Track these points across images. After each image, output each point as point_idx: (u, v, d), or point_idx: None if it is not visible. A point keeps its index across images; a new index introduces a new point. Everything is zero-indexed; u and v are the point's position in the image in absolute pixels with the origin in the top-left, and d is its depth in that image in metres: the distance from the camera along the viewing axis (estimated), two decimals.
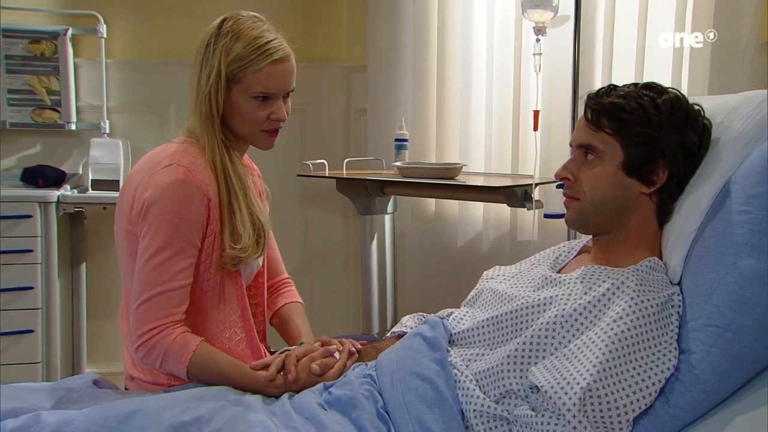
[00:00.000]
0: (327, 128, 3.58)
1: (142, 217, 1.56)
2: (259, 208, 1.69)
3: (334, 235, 3.64)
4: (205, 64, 1.62)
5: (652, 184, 1.44)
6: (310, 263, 3.65)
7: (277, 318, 1.89)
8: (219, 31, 1.63)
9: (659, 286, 1.37)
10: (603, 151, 1.44)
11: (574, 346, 1.30)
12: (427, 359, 1.44)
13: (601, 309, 1.33)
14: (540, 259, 1.65)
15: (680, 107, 1.44)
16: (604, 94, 1.46)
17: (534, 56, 2.35)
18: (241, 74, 1.61)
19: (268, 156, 3.36)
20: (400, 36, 3.10)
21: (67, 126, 3.25)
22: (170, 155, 1.60)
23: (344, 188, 2.97)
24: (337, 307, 3.63)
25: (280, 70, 1.64)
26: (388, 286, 3.12)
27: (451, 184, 2.61)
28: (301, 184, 3.46)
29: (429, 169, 2.67)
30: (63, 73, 3.22)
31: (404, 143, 2.90)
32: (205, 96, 1.62)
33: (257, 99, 1.63)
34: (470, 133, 2.91)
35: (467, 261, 2.95)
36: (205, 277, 1.62)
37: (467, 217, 2.95)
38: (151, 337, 1.53)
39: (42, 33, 3.20)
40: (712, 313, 1.27)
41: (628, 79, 2.32)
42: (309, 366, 1.52)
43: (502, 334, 1.44)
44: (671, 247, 1.43)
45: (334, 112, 3.58)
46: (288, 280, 1.98)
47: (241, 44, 1.60)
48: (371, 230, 3.07)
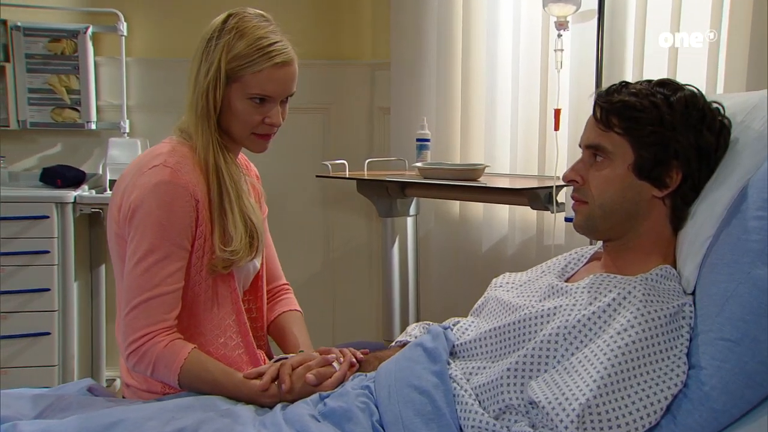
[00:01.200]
0: (350, 128, 3.56)
1: (128, 220, 1.54)
2: (253, 210, 1.66)
3: (356, 237, 3.62)
4: (204, 59, 1.60)
5: (665, 187, 1.38)
6: (332, 266, 3.63)
7: (275, 327, 1.86)
8: (223, 26, 1.61)
9: (670, 295, 1.31)
10: (612, 152, 1.39)
11: (576, 360, 1.25)
12: (427, 371, 1.40)
13: (606, 320, 1.28)
14: (550, 267, 1.60)
15: (696, 105, 1.38)
16: (615, 92, 1.41)
17: (555, 52, 2.29)
18: (240, 73, 1.59)
19: (288, 156, 3.41)
20: (424, 32, 3.06)
21: (86, 125, 3.27)
22: (157, 155, 1.58)
23: (365, 189, 2.94)
24: (360, 312, 3.60)
25: (281, 74, 1.61)
26: (410, 291, 3.08)
27: (473, 186, 2.56)
28: (322, 185, 3.44)
29: (450, 170, 2.63)
30: (83, 71, 3.24)
31: (426, 143, 2.87)
32: (203, 92, 1.60)
33: (254, 100, 1.61)
34: (495, 133, 2.86)
35: (492, 266, 2.90)
36: (197, 280, 1.60)
37: (492, 220, 2.90)
38: (142, 344, 1.51)
39: (62, 31, 3.23)
40: (724, 326, 1.21)
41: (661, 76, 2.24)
42: (304, 375, 1.49)
43: (504, 346, 1.40)
44: (685, 255, 1.37)
45: (357, 111, 3.56)
46: (286, 287, 1.95)
47: (244, 43, 1.59)
48: (393, 233, 3.04)
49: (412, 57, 3.10)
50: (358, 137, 3.55)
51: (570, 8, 2.19)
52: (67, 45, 3.23)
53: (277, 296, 1.91)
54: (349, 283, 3.63)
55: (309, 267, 3.62)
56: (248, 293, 1.79)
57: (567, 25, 2.22)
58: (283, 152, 3.47)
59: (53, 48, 3.23)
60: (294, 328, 1.81)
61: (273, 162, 3.47)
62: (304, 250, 3.60)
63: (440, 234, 3.11)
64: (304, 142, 3.50)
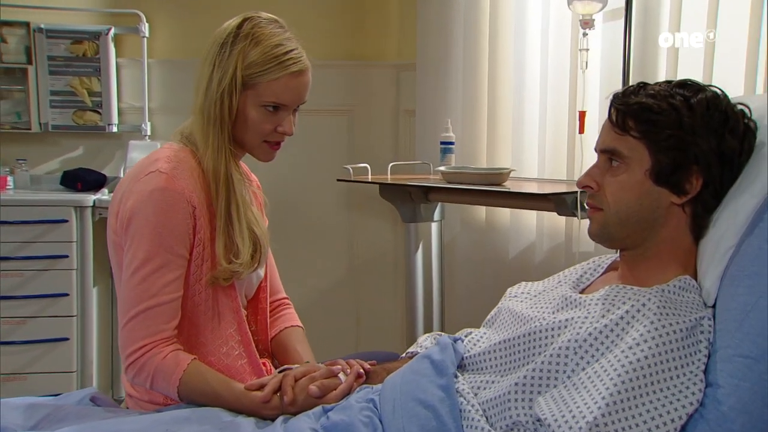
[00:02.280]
0: (375, 130, 3.54)
1: (125, 228, 1.54)
2: (257, 221, 1.65)
3: (381, 243, 3.60)
4: (218, 65, 1.58)
5: (684, 194, 1.33)
6: (357, 272, 3.62)
7: (276, 344, 1.82)
8: (238, 32, 1.59)
9: (688, 308, 1.26)
10: (629, 156, 1.34)
11: (585, 375, 1.21)
12: (433, 385, 1.37)
13: (618, 334, 1.24)
14: (567, 276, 1.56)
15: (718, 107, 1.33)
16: (632, 93, 1.37)
17: (580, 52, 2.24)
18: (255, 80, 1.57)
19: (311, 160, 3.40)
20: (450, 32, 3.03)
21: (108, 128, 3.30)
22: (154, 161, 1.57)
23: (387, 194, 2.92)
24: (385, 320, 3.58)
25: (297, 83, 1.60)
26: (434, 299, 3.05)
27: (497, 191, 2.53)
28: (347, 189, 3.43)
29: (474, 175, 2.59)
30: (104, 73, 3.27)
31: (450, 146, 2.83)
32: (218, 98, 1.57)
33: (267, 108, 1.60)
34: (522, 136, 2.82)
35: (519, 273, 2.85)
36: (197, 289, 1.58)
37: (519, 226, 2.86)
38: (141, 356, 1.50)
39: (84, 33, 3.26)
40: (743, 342, 1.16)
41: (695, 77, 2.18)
42: (308, 387, 1.47)
43: (514, 359, 1.36)
44: (706, 265, 1.32)
45: (382, 113, 3.54)
46: (287, 301, 1.92)
47: (260, 50, 1.57)
48: (416, 239, 3.01)
49: (438, 57, 3.07)
50: (383, 140, 3.53)
51: (595, 6, 2.15)
52: (88, 47, 3.27)
53: (278, 311, 1.88)
54: (373, 290, 3.61)
55: (333, 273, 3.61)
56: (251, 303, 1.77)
57: (593, 23, 2.17)
58: (306, 156, 3.48)
59: (75, 50, 3.26)
60: (297, 344, 1.78)
61: (296, 166, 3.50)
62: (328, 256, 3.59)
63: (466, 240, 3.07)
64: (327, 145, 3.49)
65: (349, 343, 3.55)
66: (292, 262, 3.56)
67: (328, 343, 3.52)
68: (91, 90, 3.28)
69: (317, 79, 3.66)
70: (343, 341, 3.56)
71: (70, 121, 3.29)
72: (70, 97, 3.28)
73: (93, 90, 3.29)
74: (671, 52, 2.33)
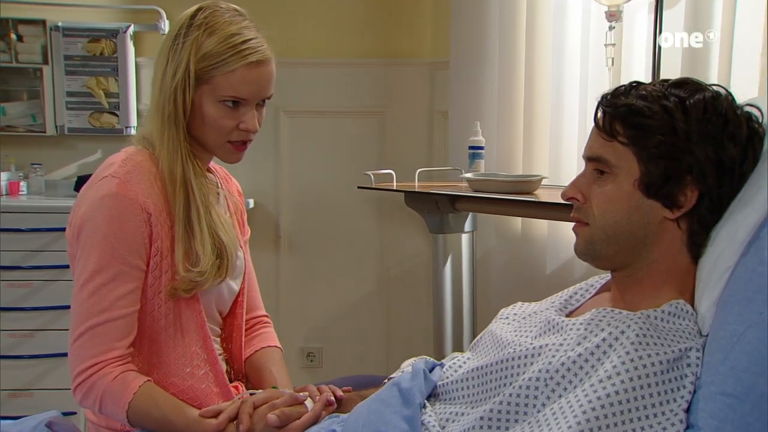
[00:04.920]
0: (407, 133, 3.51)
1: (76, 238, 1.54)
2: (223, 227, 1.62)
3: (414, 254, 3.55)
4: (171, 58, 1.57)
5: (678, 208, 1.27)
6: (388, 284, 3.60)
7: (251, 365, 1.79)
8: (191, 21, 1.57)
9: (674, 337, 1.20)
10: (616, 165, 1.28)
11: (550, 411, 1.16)
12: (397, 416, 1.33)
13: (593, 365, 1.18)
14: (560, 297, 1.51)
15: (717, 110, 1.26)
16: (622, 94, 1.31)
17: (605, 47, 2.17)
18: (210, 74, 1.55)
19: (340, 164, 3.38)
20: (485, 27, 2.97)
21: (125, 131, 3.35)
22: (109, 166, 1.56)
23: (413, 202, 2.88)
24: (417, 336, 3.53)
25: (255, 74, 1.57)
26: (464, 316, 2.99)
27: (528, 201, 2.47)
28: (377, 196, 3.40)
29: (501, 182, 2.53)
30: (122, 73, 3.32)
31: (479, 151, 2.78)
32: (170, 95, 1.55)
33: (226, 104, 1.56)
34: (561, 141, 2.74)
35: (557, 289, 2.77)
36: (155, 303, 1.56)
37: (558, 238, 2.78)
38: (89, 377, 1.48)
39: (101, 31, 3.32)
40: (727, 378, 1.09)
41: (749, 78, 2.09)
42: (266, 415, 1.44)
43: (486, 389, 1.32)
44: (702, 288, 1.25)
45: (415, 115, 3.51)
46: (265, 319, 1.89)
47: (215, 40, 1.55)
48: (445, 251, 2.95)
49: (472, 55, 3.01)
50: (416, 144, 3.50)
51: None
52: (106, 45, 3.32)
53: (254, 330, 1.85)
54: (405, 305, 3.58)
55: (363, 286, 3.59)
56: (227, 320, 1.75)
57: (620, 15, 2.10)
58: (334, 160, 3.47)
59: (92, 49, 3.32)
60: (273, 366, 1.75)
61: (324, 171, 3.50)
62: (357, 266, 3.58)
63: (500, 253, 3.01)
64: (357, 149, 3.47)
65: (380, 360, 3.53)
66: (319, 273, 3.57)
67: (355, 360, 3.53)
68: (108, 91, 3.34)
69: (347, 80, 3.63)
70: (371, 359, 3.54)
71: (86, 123, 3.35)
72: (87, 98, 3.34)
73: (110, 91, 3.34)
74: (725, 51, 2.24)
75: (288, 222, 3.55)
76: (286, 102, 3.41)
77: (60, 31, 3.30)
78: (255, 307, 1.87)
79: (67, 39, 3.31)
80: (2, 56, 3.30)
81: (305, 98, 3.45)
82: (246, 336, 1.81)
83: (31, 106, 3.34)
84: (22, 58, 3.30)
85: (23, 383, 3.02)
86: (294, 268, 3.57)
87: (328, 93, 3.44)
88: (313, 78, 3.43)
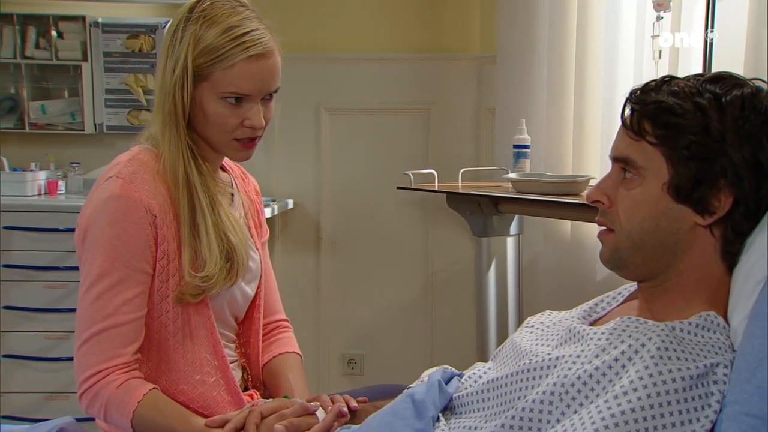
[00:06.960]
0: (454, 131, 3.48)
1: (82, 241, 1.54)
2: (232, 228, 1.60)
3: (460, 257, 3.52)
4: (170, 54, 1.55)
5: (711, 214, 1.22)
6: (433, 289, 3.58)
7: (268, 371, 1.77)
8: (190, 14, 1.54)
9: (701, 352, 1.15)
10: (644, 167, 1.24)
11: (561, 428, 1.12)
12: (408, 429, 1.30)
13: (611, 379, 1.14)
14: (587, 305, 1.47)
15: (755, 108, 1.21)
16: (652, 90, 1.26)
17: (652, 39, 2.12)
18: (210, 69, 1.52)
19: (383, 163, 3.37)
20: (534, 21, 2.93)
21: None
22: (115, 165, 1.56)
23: (455, 204, 2.86)
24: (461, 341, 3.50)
25: (257, 68, 1.54)
26: (510, 324, 2.96)
27: (574, 203, 2.43)
28: (422, 197, 3.38)
29: (545, 183, 2.50)
30: None
31: (524, 150, 2.74)
32: (169, 92, 1.54)
33: (228, 100, 1.54)
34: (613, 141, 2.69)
35: None
36: (163, 308, 1.56)
37: None
38: (94, 384, 1.49)
39: (140, 26, 3.36)
40: (752, 397, 1.05)
41: None
42: (273, 426, 1.43)
43: (500, 402, 1.29)
44: (735, 300, 1.21)
45: (462, 112, 3.48)
46: (285, 323, 1.87)
47: (214, 33, 1.52)
48: (488, 255, 2.93)
49: (520, 49, 2.98)
50: (462, 143, 3.47)
51: None
52: (144, 41, 3.36)
53: (273, 334, 1.83)
54: (450, 310, 3.56)
55: (407, 291, 3.57)
56: (243, 325, 1.74)
57: (668, 4, 2.05)
58: (377, 159, 3.46)
59: (131, 45, 3.36)
60: (290, 373, 1.73)
61: (366, 170, 3.49)
62: (401, 270, 3.56)
63: (548, 258, 2.96)
64: (401, 148, 3.46)
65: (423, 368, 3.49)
66: (361, 277, 3.56)
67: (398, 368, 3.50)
68: (146, 88, 3.38)
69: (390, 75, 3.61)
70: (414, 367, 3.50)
71: (124, 121, 3.40)
72: (125, 95, 3.38)
73: (148, 88, 3.37)
74: None
75: (329, 223, 3.55)
76: (327, 99, 3.41)
77: (99, 27, 3.35)
78: (274, 311, 1.85)
79: (106, 35, 3.36)
80: (43, 53, 3.36)
81: (347, 95, 3.45)
82: (264, 341, 1.80)
83: (70, 104, 3.40)
84: (62, 55, 3.36)
85: (59, 386, 3.05)
86: (335, 271, 3.57)
87: (371, 89, 3.44)
88: (355, 74, 3.42)
